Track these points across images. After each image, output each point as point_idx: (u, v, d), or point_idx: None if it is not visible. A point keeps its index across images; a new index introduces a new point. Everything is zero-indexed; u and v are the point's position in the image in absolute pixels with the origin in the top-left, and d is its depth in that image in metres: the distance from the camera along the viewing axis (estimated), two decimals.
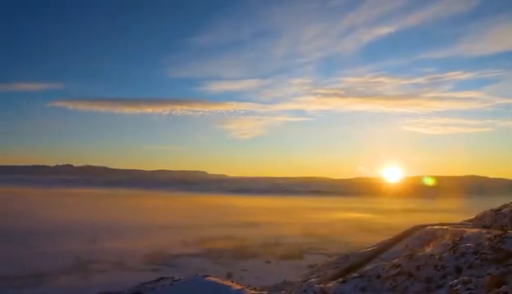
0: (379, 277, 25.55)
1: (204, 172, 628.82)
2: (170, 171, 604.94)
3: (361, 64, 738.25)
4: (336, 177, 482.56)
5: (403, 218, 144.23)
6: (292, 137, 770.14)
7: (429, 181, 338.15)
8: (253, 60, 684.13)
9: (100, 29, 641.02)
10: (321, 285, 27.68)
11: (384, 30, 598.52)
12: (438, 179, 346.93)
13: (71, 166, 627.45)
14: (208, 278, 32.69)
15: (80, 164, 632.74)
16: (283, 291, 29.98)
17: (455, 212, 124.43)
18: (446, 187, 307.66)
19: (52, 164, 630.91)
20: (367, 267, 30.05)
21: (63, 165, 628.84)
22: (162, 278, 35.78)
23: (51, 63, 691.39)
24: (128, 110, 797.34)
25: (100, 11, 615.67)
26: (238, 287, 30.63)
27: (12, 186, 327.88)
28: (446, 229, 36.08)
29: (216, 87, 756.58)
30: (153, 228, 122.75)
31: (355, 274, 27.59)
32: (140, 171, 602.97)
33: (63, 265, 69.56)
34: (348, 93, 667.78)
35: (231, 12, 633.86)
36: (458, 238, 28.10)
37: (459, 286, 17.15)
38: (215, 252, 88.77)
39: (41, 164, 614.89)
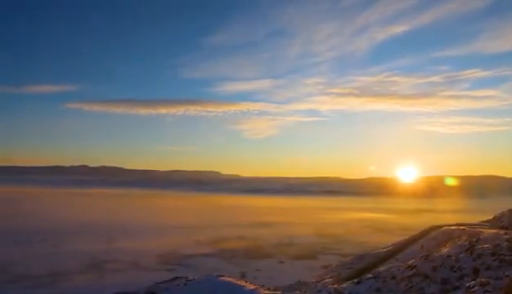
0: (394, 278, 25.30)
1: (217, 172, 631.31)
2: (184, 171, 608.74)
3: (375, 63, 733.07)
4: (350, 177, 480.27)
5: (418, 218, 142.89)
6: (305, 137, 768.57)
7: (449, 181, 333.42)
8: (266, 60, 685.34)
9: (114, 31, 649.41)
10: (336, 285, 27.54)
11: (398, 29, 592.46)
12: (455, 179, 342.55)
13: (86, 166, 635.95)
14: (222, 277, 32.76)
15: (95, 165, 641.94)
16: (297, 292, 29.86)
17: (471, 213, 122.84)
18: (462, 187, 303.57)
19: (68, 165, 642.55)
20: (382, 268, 29.82)
21: (78, 165, 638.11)
22: (176, 278, 36.01)
23: (66, 65, 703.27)
24: (142, 111, 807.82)
25: (113, 12, 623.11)
26: (252, 286, 30.60)
27: (28, 186, 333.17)
28: (463, 229, 35.57)
29: (229, 88, 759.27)
30: (167, 228, 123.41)
31: (370, 275, 27.39)
32: (154, 171, 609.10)
33: (78, 265, 70.23)
34: (362, 92, 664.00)
35: (244, 13, 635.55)
36: (475, 239, 27.66)
37: (476, 288, 16.86)
38: (229, 252, 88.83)
39: (56, 165, 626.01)
